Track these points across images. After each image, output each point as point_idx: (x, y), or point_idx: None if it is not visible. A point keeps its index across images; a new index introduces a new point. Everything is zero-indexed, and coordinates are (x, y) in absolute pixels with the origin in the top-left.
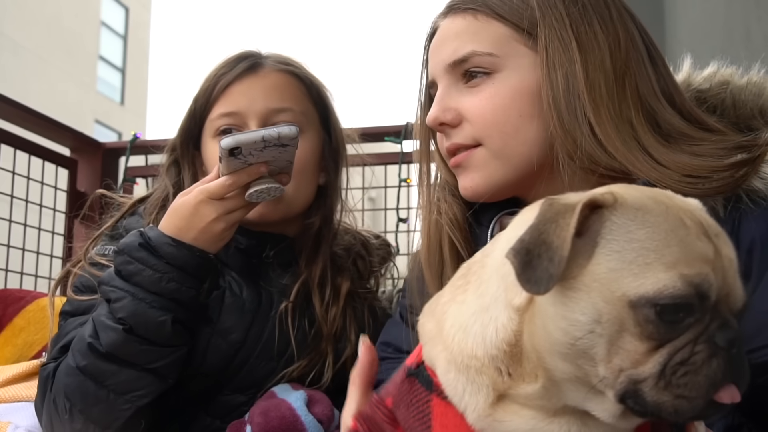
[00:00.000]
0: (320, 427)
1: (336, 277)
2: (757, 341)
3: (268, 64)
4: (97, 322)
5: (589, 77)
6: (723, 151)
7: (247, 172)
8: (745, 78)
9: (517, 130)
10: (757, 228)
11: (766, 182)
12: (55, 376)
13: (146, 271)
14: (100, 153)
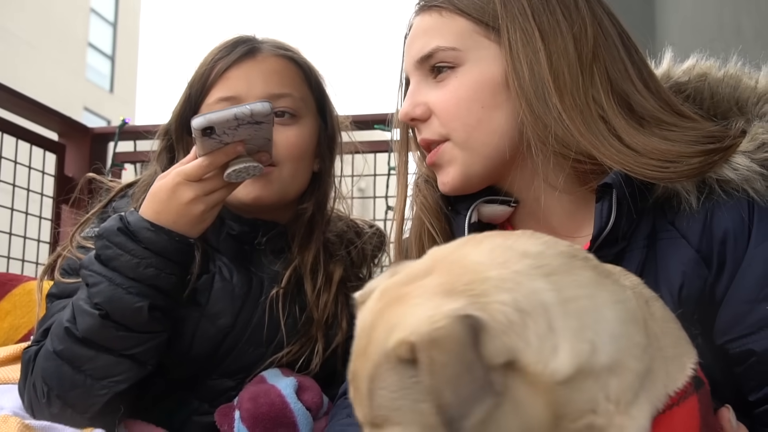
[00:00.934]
0: (309, 414)
1: (328, 264)
2: (735, 332)
3: (265, 48)
4: (75, 306)
5: (553, 65)
6: (695, 137)
7: (224, 151)
8: (722, 71)
9: (479, 121)
10: (730, 219)
11: (739, 173)
12: (36, 360)
13: (124, 257)
14: (89, 138)
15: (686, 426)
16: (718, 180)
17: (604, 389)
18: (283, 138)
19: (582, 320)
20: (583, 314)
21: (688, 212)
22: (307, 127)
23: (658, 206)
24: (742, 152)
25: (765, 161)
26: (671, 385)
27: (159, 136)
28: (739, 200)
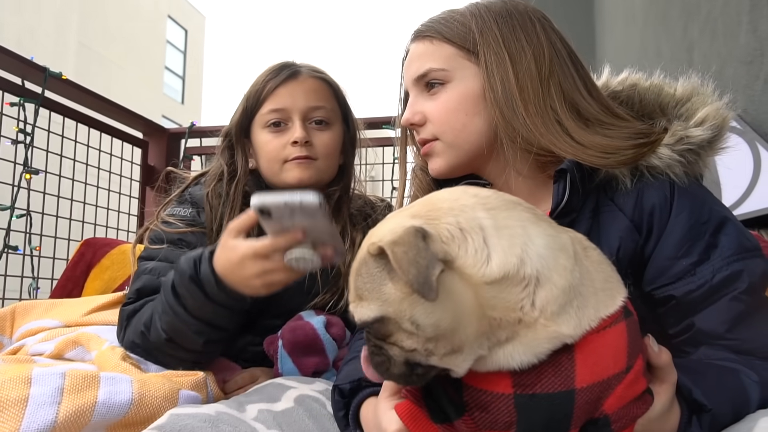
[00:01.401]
0: (335, 343)
1: (352, 231)
2: (659, 282)
3: (304, 71)
4: (154, 317)
5: (519, 81)
6: (629, 134)
7: (285, 237)
8: (648, 81)
9: (464, 125)
10: (656, 196)
11: (663, 161)
12: (126, 328)
13: (191, 299)
14: (166, 136)
15: (616, 343)
16: (647, 166)
17: (530, 297)
18: (319, 140)
19: (512, 241)
20: (514, 237)
21: (624, 191)
22: (336, 132)
23: (601, 186)
24: (665, 144)
25: (682, 152)
26: (602, 310)
27: (222, 136)
28: (663, 182)
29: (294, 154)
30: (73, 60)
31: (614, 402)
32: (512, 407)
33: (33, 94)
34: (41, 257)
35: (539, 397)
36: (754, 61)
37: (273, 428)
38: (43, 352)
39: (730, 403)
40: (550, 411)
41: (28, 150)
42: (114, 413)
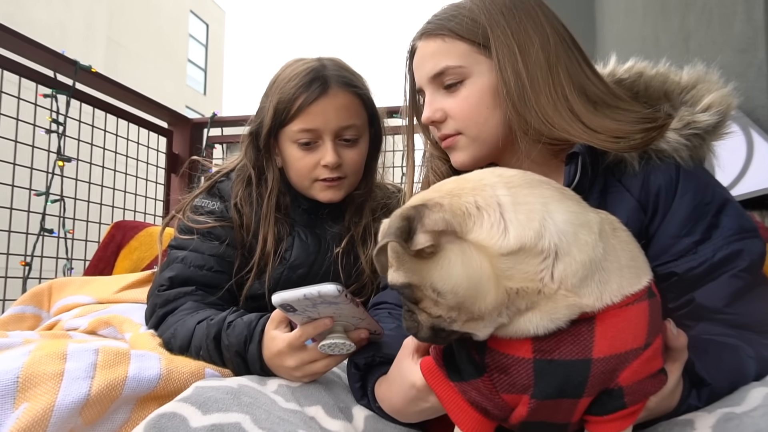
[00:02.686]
0: None
1: (374, 226)
2: (662, 259)
3: (334, 83)
4: (191, 347)
5: (529, 72)
6: (636, 119)
7: (313, 325)
8: (654, 70)
9: (486, 119)
10: (663, 178)
11: (670, 145)
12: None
13: (231, 364)
14: (189, 126)
15: (636, 320)
16: (655, 150)
17: (549, 269)
18: (348, 158)
19: (530, 216)
20: (532, 212)
21: (632, 173)
22: (365, 143)
23: (609, 169)
24: (672, 129)
25: (689, 136)
26: (626, 288)
27: (247, 134)
28: (669, 165)
29: (324, 175)
30: (102, 54)
31: (629, 376)
32: (531, 371)
33: (64, 86)
34: (74, 240)
35: (557, 363)
36: (748, 49)
37: (291, 401)
38: (77, 327)
39: (728, 377)
40: (566, 377)
41: (61, 139)
42: (143, 387)
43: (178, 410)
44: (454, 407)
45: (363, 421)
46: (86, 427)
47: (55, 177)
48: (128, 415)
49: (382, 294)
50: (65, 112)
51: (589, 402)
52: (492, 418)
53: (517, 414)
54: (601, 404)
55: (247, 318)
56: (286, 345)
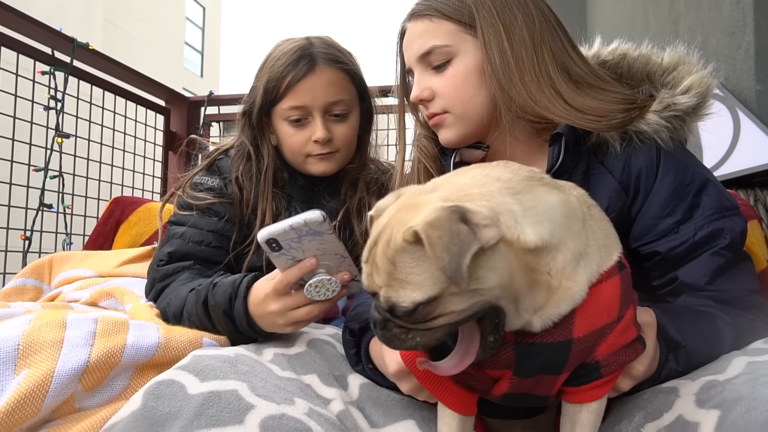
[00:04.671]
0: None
1: (369, 199)
2: (645, 239)
3: (321, 60)
4: (184, 314)
5: (514, 51)
6: (617, 99)
7: (299, 267)
8: (637, 51)
9: (472, 97)
10: (644, 159)
11: (651, 126)
12: (157, 297)
13: (219, 325)
14: (186, 104)
15: (610, 295)
16: (636, 132)
17: (554, 261)
18: (338, 132)
19: (538, 218)
20: (538, 215)
21: (614, 155)
22: (355, 118)
23: (592, 151)
24: (652, 111)
25: (669, 118)
26: (602, 266)
27: (241, 114)
28: (650, 146)
29: (316, 150)
30: (99, 36)
31: (605, 349)
32: (512, 353)
33: (62, 64)
34: (73, 215)
35: (538, 345)
36: (736, 32)
37: (287, 369)
38: (78, 299)
39: (704, 342)
40: (548, 357)
41: (59, 116)
42: (142, 355)
43: (176, 377)
44: (438, 386)
45: (358, 388)
46: (86, 393)
47: (54, 153)
48: (127, 382)
49: None
50: (63, 89)
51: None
52: (476, 392)
53: (498, 388)
54: (578, 377)
55: (232, 277)
56: (270, 290)
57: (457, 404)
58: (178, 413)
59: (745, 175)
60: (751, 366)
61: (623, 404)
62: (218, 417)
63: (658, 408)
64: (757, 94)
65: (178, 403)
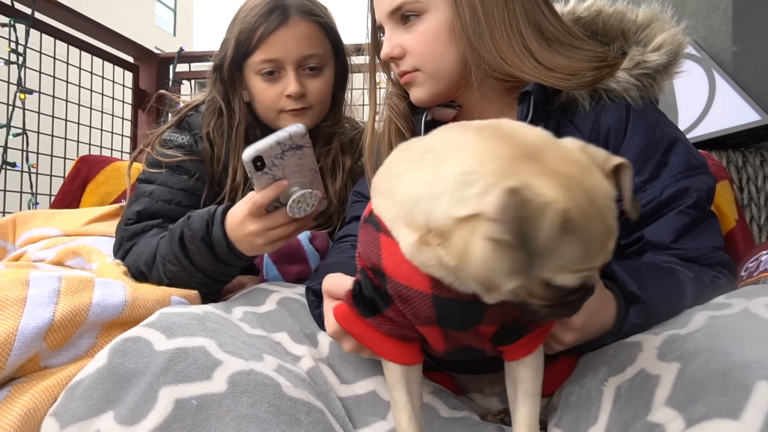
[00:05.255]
0: (317, 254)
1: (342, 158)
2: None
3: (294, 13)
4: (157, 259)
5: (485, 7)
6: (588, 57)
7: (273, 186)
8: (612, 8)
9: (442, 55)
10: (613, 118)
11: (620, 84)
12: (126, 254)
13: (198, 256)
14: (156, 61)
15: None
16: (605, 90)
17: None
18: (312, 87)
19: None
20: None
21: (583, 113)
22: (329, 72)
23: (561, 109)
24: (623, 69)
25: (639, 76)
26: None
27: (211, 69)
28: (619, 105)
29: (289, 106)
30: None
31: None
32: (431, 305)
33: (23, 15)
34: (39, 174)
35: (454, 301)
36: None
37: (257, 327)
38: (44, 258)
39: (664, 296)
40: (464, 311)
41: (21, 70)
42: (108, 313)
43: (142, 334)
44: (374, 341)
45: (328, 346)
46: (51, 352)
47: (17, 110)
48: (94, 341)
49: (348, 227)
50: (25, 43)
51: (494, 331)
52: (412, 341)
53: (436, 343)
54: (505, 335)
55: (206, 208)
56: (248, 210)
57: (395, 355)
58: (145, 369)
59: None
60: (712, 320)
61: (589, 359)
62: (185, 373)
63: (621, 362)
64: (733, 55)
65: (144, 359)
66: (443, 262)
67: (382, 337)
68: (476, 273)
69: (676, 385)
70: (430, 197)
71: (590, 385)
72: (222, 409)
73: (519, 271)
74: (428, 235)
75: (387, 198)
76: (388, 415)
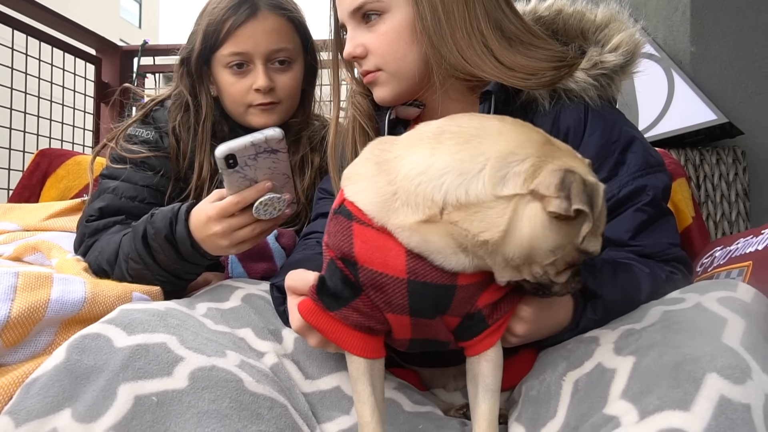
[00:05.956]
0: (283, 251)
1: (311, 156)
2: None
3: (262, 5)
4: (119, 257)
5: (445, 6)
6: (548, 56)
7: (255, 188)
8: (572, 7)
9: (405, 55)
10: (572, 118)
11: (579, 84)
12: (87, 251)
13: (161, 255)
14: (119, 53)
15: None
16: (564, 90)
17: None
18: (281, 82)
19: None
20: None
21: (543, 113)
22: (299, 67)
23: (522, 108)
24: (581, 69)
25: (597, 76)
26: None
27: (179, 63)
28: (578, 104)
29: (258, 100)
30: None
31: (486, 299)
32: (405, 290)
33: None
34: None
35: (429, 285)
36: None
37: (220, 323)
38: (1, 254)
39: (621, 291)
40: (437, 297)
41: None
42: (67, 310)
43: (102, 331)
44: (339, 334)
45: (293, 342)
46: (7, 349)
47: None
48: (52, 338)
49: (313, 224)
50: None
51: (457, 323)
52: (377, 333)
53: (401, 332)
54: (467, 329)
55: (169, 206)
56: (217, 212)
57: (360, 349)
58: (104, 366)
59: (677, 135)
60: (667, 314)
61: (548, 354)
62: (145, 369)
63: (579, 357)
64: (691, 55)
65: (103, 356)
66: (462, 237)
67: (347, 330)
68: (519, 248)
69: (631, 378)
70: (460, 173)
71: (550, 380)
72: (183, 405)
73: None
74: (443, 213)
75: (375, 182)
76: (351, 410)
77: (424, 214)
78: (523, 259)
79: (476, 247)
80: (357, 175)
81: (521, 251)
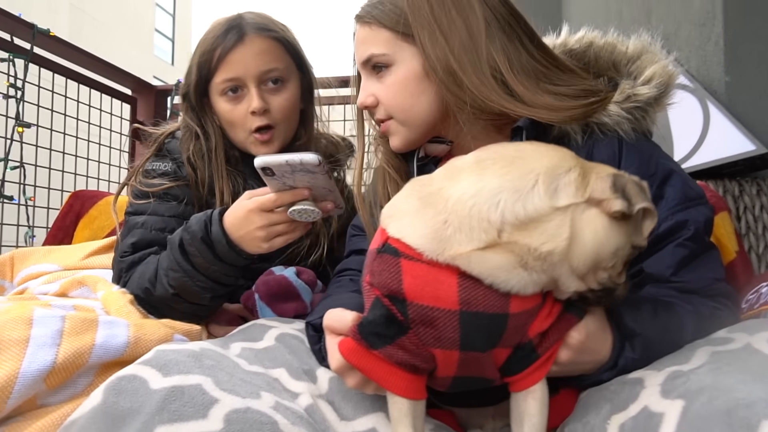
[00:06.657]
0: (309, 288)
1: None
2: None
3: (250, 31)
4: (159, 272)
5: (455, 55)
6: (578, 91)
7: (292, 193)
8: (603, 40)
9: (411, 105)
10: (606, 152)
11: (612, 118)
12: (127, 282)
13: (200, 258)
14: (153, 93)
15: None
16: (597, 124)
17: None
18: (276, 104)
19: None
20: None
21: (576, 147)
22: (293, 87)
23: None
24: (614, 102)
25: (630, 110)
26: None
27: (181, 98)
28: (611, 138)
29: (255, 123)
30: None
31: (536, 328)
32: (457, 323)
33: (22, 50)
34: (36, 207)
35: (481, 315)
36: (706, 23)
37: (254, 364)
38: (47, 292)
39: (662, 329)
40: (488, 328)
41: (20, 104)
42: (110, 354)
43: (138, 372)
44: (382, 374)
45: (327, 382)
46: (49, 391)
47: (15, 143)
48: (91, 379)
49: (347, 261)
50: (24, 77)
51: (507, 356)
52: (421, 373)
53: (446, 369)
54: (518, 360)
55: (202, 212)
56: (257, 205)
57: (403, 389)
58: (140, 408)
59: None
60: (715, 356)
61: (590, 396)
62: (181, 412)
63: (624, 399)
64: (726, 85)
65: (139, 398)
66: (524, 253)
67: (390, 369)
68: (584, 254)
69: (681, 423)
70: (515, 190)
71: (594, 423)
72: None
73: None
74: (501, 234)
75: (422, 215)
76: None
77: (481, 241)
78: (589, 265)
79: (537, 260)
80: (400, 211)
81: (586, 257)
